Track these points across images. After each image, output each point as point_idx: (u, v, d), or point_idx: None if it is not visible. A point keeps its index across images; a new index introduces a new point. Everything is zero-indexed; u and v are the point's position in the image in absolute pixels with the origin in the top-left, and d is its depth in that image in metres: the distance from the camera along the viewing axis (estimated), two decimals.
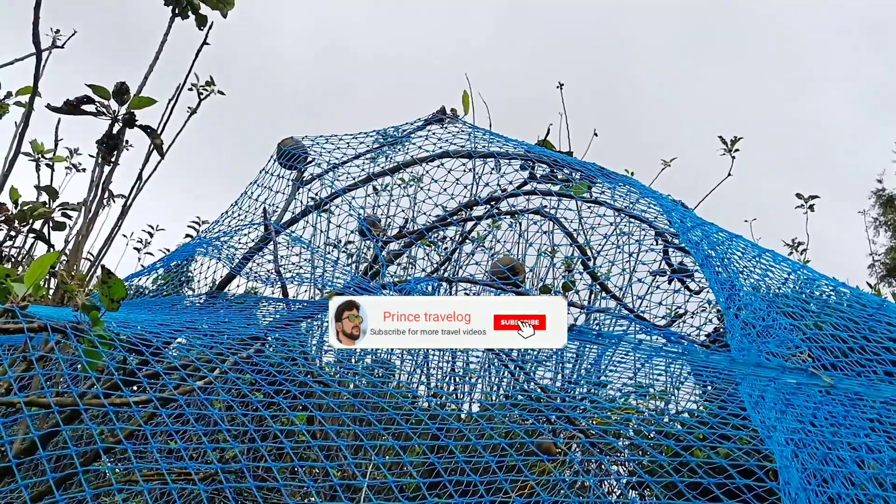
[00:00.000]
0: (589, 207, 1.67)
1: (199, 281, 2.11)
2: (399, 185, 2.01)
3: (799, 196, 3.46)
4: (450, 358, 2.31)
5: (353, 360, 2.25)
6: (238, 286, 2.01)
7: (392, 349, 2.29)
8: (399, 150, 1.91)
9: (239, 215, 1.91)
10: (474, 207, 1.81)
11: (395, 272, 2.62)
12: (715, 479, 1.16)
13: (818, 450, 1.12)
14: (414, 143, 1.88)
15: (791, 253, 3.66)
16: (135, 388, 1.41)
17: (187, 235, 3.45)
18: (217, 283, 1.93)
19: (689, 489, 1.39)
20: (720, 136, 2.92)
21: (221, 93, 2.88)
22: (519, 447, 1.36)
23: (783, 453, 1.16)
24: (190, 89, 2.84)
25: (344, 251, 2.72)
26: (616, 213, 1.63)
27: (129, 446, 1.19)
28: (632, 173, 3.18)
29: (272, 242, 1.80)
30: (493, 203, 1.74)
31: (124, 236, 3.77)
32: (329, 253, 2.40)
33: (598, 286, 1.79)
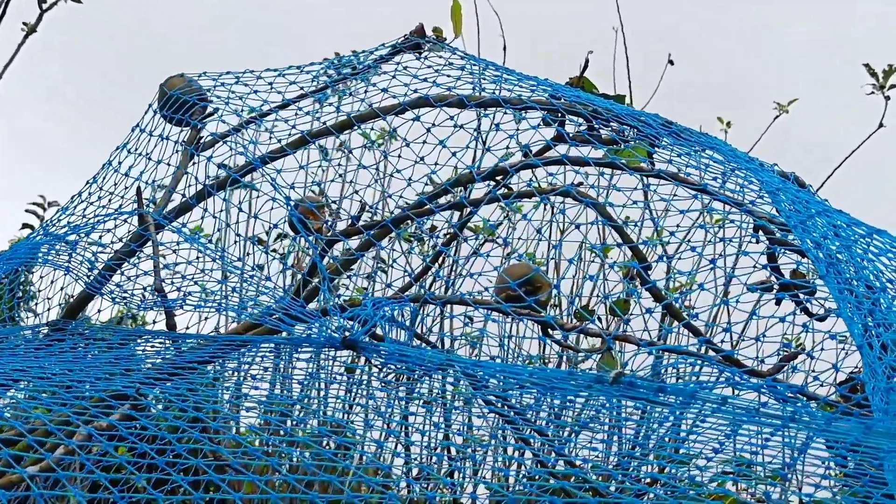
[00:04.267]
0: (650, 185, 1.68)
1: (39, 303, 2.13)
2: (351, 151, 2.03)
3: None
4: (441, 419, 2.34)
5: (288, 424, 2.27)
6: (99, 311, 2.02)
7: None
8: (353, 94, 1.92)
9: (99, 199, 1.93)
10: (470, 186, 1.82)
11: (350, 287, 2.65)
12: None
13: None
14: (375, 85, 1.89)
15: None
16: None
17: (25, 226, 3.47)
18: (66, 306, 1.94)
19: None
20: (866, 65, 2.91)
21: None
22: None
23: None
24: None
25: (272, 253, 2.75)
26: (693, 195, 1.64)
27: None
28: (728, 125, 3.20)
29: (151, 242, 1.81)
30: (498, 180, 1.75)
31: None
32: (246, 256, 2.42)
33: (665, 311, 1.81)
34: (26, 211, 3.50)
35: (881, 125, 2.97)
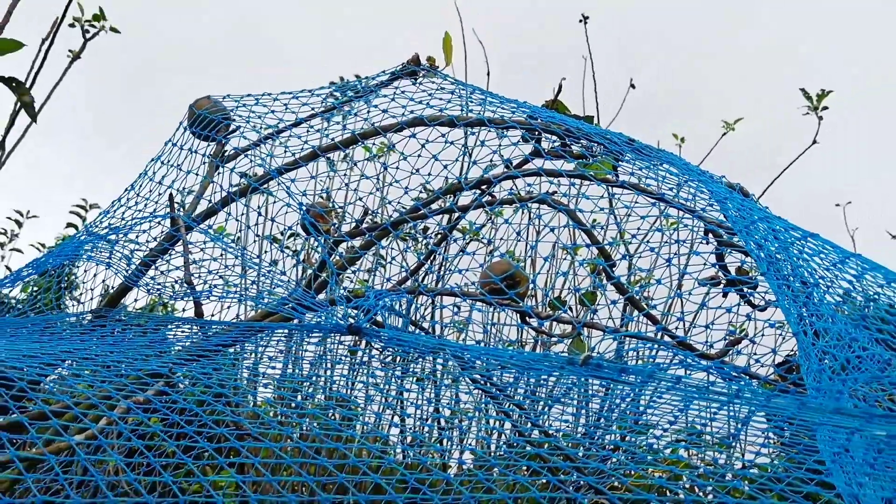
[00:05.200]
0: (614, 194, 1.70)
1: (83, 293, 2.14)
2: (355, 164, 2.04)
3: None
4: (432, 395, 2.36)
5: (299, 397, 2.28)
6: (136, 301, 2.03)
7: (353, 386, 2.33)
8: (357, 114, 1.93)
9: (136, 204, 1.93)
10: (458, 194, 1.83)
11: (353, 280, 2.66)
12: None
13: None
14: (376, 107, 1.90)
15: None
16: None
17: (69, 225, 3.48)
18: (106, 296, 1.95)
19: None
20: (802, 89, 2.94)
21: (115, 30, 2.89)
22: None
23: None
24: (72, 26, 2.86)
25: (287, 249, 2.75)
26: (651, 202, 1.66)
27: None
28: (682, 141, 3.22)
29: (181, 242, 1.82)
30: (483, 189, 1.76)
31: None
32: (263, 254, 2.43)
33: (627, 302, 1.83)
34: (70, 212, 3.51)
35: (814, 142, 3.00)
